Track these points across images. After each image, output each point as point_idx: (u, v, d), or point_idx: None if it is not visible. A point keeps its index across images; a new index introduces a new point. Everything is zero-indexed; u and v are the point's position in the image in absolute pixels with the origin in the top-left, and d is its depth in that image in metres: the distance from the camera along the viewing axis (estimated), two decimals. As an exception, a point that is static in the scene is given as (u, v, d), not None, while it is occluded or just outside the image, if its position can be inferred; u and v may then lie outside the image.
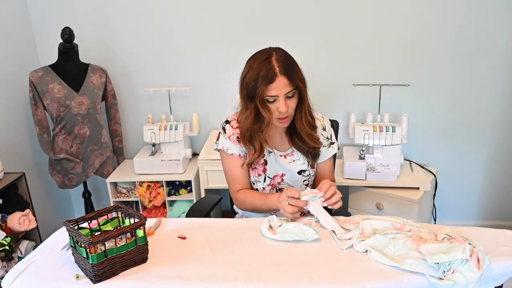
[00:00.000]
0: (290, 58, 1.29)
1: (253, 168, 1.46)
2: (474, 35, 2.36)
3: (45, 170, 2.51)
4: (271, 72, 1.22)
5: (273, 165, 1.45)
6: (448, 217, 2.71)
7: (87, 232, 1.14)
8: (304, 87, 1.30)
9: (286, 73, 1.23)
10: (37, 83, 2.22)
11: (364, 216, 1.26)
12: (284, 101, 1.26)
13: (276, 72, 1.22)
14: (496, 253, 1.04)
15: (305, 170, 1.46)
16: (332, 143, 1.49)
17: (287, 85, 1.24)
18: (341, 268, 1.03)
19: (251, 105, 1.30)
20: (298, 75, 1.27)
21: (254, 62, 1.26)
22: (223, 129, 1.43)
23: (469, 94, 2.47)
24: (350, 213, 2.04)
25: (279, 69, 1.23)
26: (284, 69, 1.23)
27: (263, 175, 1.45)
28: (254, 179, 1.47)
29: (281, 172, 1.46)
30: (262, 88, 1.24)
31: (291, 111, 1.30)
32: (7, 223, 2.00)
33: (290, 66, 1.25)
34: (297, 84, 1.26)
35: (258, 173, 1.46)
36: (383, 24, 2.39)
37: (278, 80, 1.23)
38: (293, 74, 1.25)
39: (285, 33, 2.40)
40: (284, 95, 1.26)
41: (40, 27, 2.53)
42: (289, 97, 1.27)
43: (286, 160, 1.45)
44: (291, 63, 1.26)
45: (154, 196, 2.42)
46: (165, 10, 2.46)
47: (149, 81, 2.59)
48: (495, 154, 2.58)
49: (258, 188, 1.46)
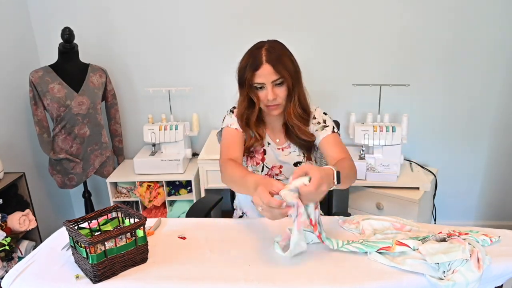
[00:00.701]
0: (281, 48, 1.33)
1: (252, 156, 1.47)
2: (474, 35, 2.36)
3: (45, 170, 2.51)
4: (257, 60, 1.28)
5: (272, 155, 1.47)
6: (448, 217, 2.71)
7: (87, 232, 1.14)
8: (292, 78, 1.31)
9: (271, 61, 1.28)
10: (37, 83, 2.22)
11: (364, 216, 1.27)
12: (271, 89, 1.30)
13: (262, 60, 1.28)
14: (496, 253, 1.04)
15: (301, 162, 1.47)
16: (326, 126, 1.43)
17: (272, 73, 1.28)
18: (341, 268, 1.03)
19: (243, 92, 1.37)
20: (286, 65, 1.30)
21: (247, 52, 1.34)
22: (231, 111, 1.48)
23: (469, 94, 2.47)
24: (350, 213, 2.05)
25: (265, 58, 1.28)
26: (270, 57, 1.28)
27: (261, 164, 1.47)
28: (252, 168, 1.48)
29: (279, 164, 1.48)
30: (249, 74, 1.30)
31: (279, 100, 1.34)
32: (7, 223, 2.00)
33: (277, 56, 1.29)
34: (282, 73, 1.28)
35: (256, 161, 1.47)
36: (383, 24, 2.39)
37: (263, 67, 1.28)
38: (279, 63, 1.28)
39: (285, 33, 2.40)
40: (271, 83, 1.30)
41: (40, 27, 2.53)
42: (277, 84, 1.31)
43: (283, 153, 1.47)
44: (279, 53, 1.30)
45: (154, 196, 2.42)
46: (165, 10, 2.46)
47: (149, 81, 2.59)
48: (495, 154, 2.58)
49: None
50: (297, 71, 1.35)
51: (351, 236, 1.19)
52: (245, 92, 1.36)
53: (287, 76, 1.30)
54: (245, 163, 1.49)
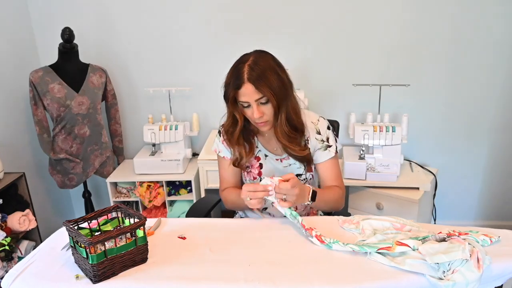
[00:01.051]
0: (266, 64, 1.25)
1: (248, 171, 1.46)
2: (473, 35, 2.36)
3: (45, 170, 2.51)
4: (239, 78, 1.24)
5: (269, 169, 1.44)
6: (448, 217, 2.71)
7: (87, 232, 1.14)
8: (277, 95, 1.25)
9: (253, 80, 1.22)
10: (37, 83, 2.22)
11: (364, 216, 1.27)
12: (256, 107, 1.26)
13: (244, 79, 1.23)
14: (496, 253, 1.04)
15: (301, 175, 1.44)
16: (329, 146, 1.43)
17: (254, 92, 1.23)
18: (341, 268, 1.03)
19: (228, 108, 1.34)
20: (269, 82, 1.23)
21: (231, 67, 1.29)
22: (219, 133, 1.48)
23: (469, 94, 2.47)
24: (350, 213, 2.05)
25: (247, 76, 1.22)
26: (252, 76, 1.22)
27: (258, 178, 1.45)
28: (250, 182, 1.47)
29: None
30: (232, 93, 1.27)
31: (267, 117, 1.30)
32: (7, 223, 2.00)
33: (260, 73, 1.22)
34: (265, 92, 1.23)
35: (253, 176, 1.45)
36: (383, 24, 2.39)
37: (244, 86, 1.23)
38: (261, 81, 1.22)
39: (285, 33, 2.41)
40: (256, 102, 1.25)
41: (40, 27, 2.53)
42: (263, 103, 1.26)
43: (282, 164, 1.44)
44: (263, 70, 1.23)
45: (154, 196, 2.42)
46: (165, 10, 2.46)
47: (149, 81, 2.59)
48: (495, 154, 2.58)
49: None
50: (284, 86, 1.28)
51: (351, 237, 1.19)
52: (230, 109, 1.33)
53: (270, 95, 1.23)
54: (244, 179, 1.50)
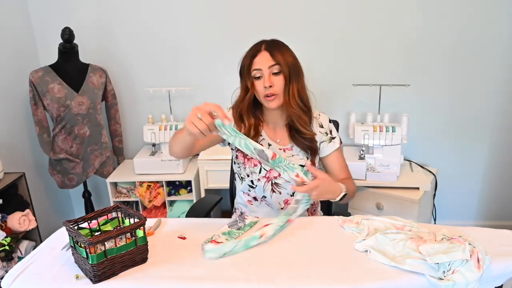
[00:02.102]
0: (281, 43, 1.38)
1: (249, 158, 1.45)
2: (473, 35, 2.36)
3: (45, 170, 2.51)
4: (257, 48, 1.35)
5: None
6: (448, 217, 2.71)
7: (87, 232, 1.14)
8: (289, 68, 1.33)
9: (269, 49, 1.33)
10: (37, 83, 2.22)
11: (364, 216, 1.26)
12: (268, 76, 1.33)
13: (261, 48, 1.34)
14: (496, 253, 1.04)
15: (304, 166, 1.45)
16: (333, 138, 1.47)
17: (269, 59, 1.32)
18: (341, 268, 1.03)
19: (242, 82, 1.40)
20: (283, 55, 1.33)
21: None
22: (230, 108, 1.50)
23: (469, 94, 2.47)
24: (350, 213, 2.05)
25: (264, 47, 1.35)
26: (268, 47, 1.34)
27: (258, 166, 1.44)
28: (250, 170, 1.45)
29: None
30: (247, 62, 1.35)
31: (277, 89, 1.34)
32: (7, 223, 2.00)
33: (276, 46, 1.35)
34: (279, 60, 1.32)
35: (254, 163, 1.44)
36: (383, 24, 2.39)
37: (260, 54, 1.33)
38: (276, 51, 1.33)
39: (285, 33, 2.39)
40: (268, 70, 1.32)
41: (40, 27, 2.53)
42: (275, 73, 1.33)
43: (285, 154, 1.44)
44: (279, 45, 1.36)
45: (154, 196, 2.42)
46: (165, 10, 2.46)
47: (149, 81, 2.59)
48: (495, 154, 2.58)
49: (253, 180, 1.45)
50: (297, 66, 1.37)
51: (351, 236, 1.19)
52: (244, 82, 1.38)
53: (283, 63, 1.32)
54: (242, 165, 1.46)
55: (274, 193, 1.44)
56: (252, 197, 1.48)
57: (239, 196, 1.54)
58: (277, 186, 1.44)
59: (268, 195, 1.45)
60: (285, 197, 1.45)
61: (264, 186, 1.44)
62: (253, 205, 1.49)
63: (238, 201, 1.57)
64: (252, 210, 1.50)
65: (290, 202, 1.44)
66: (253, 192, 1.47)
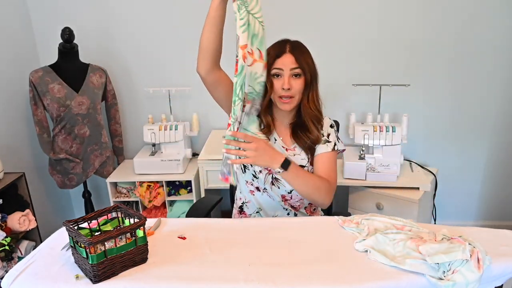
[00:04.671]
0: (304, 47, 1.40)
1: None
2: (474, 35, 2.36)
3: (45, 170, 2.51)
4: (281, 49, 1.36)
5: None
6: (448, 217, 2.71)
7: (87, 232, 1.14)
8: (311, 73, 1.36)
9: (294, 52, 1.35)
10: (37, 83, 2.22)
11: (364, 216, 1.26)
12: (288, 77, 1.34)
13: (286, 50, 1.36)
14: (496, 253, 1.04)
15: (305, 166, 1.46)
16: (328, 141, 1.47)
17: (292, 62, 1.34)
18: (341, 268, 1.03)
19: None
20: (307, 60, 1.36)
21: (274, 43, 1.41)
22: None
23: (469, 93, 2.47)
24: (350, 213, 2.05)
25: (289, 49, 1.36)
26: (293, 49, 1.36)
27: None
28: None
29: None
30: (270, 60, 1.34)
31: (294, 92, 1.36)
32: (7, 223, 2.00)
33: (300, 50, 1.37)
34: (303, 65, 1.34)
35: None
36: (383, 24, 2.39)
37: (285, 55, 1.35)
38: (301, 55, 1.35)
39: (285, 33, 2.40)
40: (289, 72, 1.34)
41: (40, 27, 2.53)
42: (295, 76, 1.35)
43: (287, 153, 1.46)
44: (302, 49, 1.38)
45: (154, 196, 2.42)
46: (165, 10, 2.46)
47: (149, 81, 2.59)
48: (495, 154, 2.58)
49: (255, 171, 1.47)
50: (316, 70, 1.40)
51: (351, 236, 1.18)
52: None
53: (306, 68, 1.35)
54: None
55: (273, 186, 1.46)
56: (255, 187, 1.50)
57: (243, 185, 1.54)
58: (276, 181, 1.45)
59: (269, 187, 1.47)
60: (282, 192, 1.47)
61: (265, 179, 1.46)
62: (255, 195, 1.51)
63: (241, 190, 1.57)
64: (255, 200, 1.51)
65: (287, 198, 1.48)
66: (256, 182, 1.49)
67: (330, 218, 1.32)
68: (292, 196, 1.47)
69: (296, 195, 1.47)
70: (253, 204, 1.53)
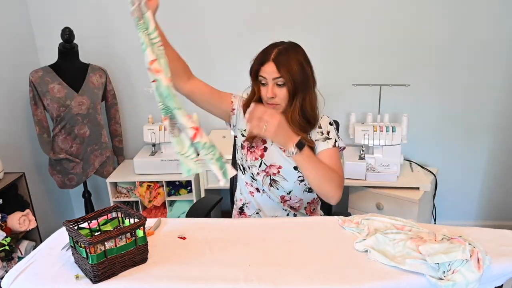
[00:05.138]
0: (294, 54, 1.32)
1: (252, 151, 1.47)
2: (473, 35, 2.36)
3: (45, 170, 2.51)
4: (266, 56, 1.32)
5: (273, 154, 1.46)
6: (448, 217, 2.71)
7: (87, 232, 1.14)
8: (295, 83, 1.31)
9: (277, 60, 1.30)
10: (37, 83, 2.22)
11: (364, 216, 1.26)
12: (271, 86, 1.32)
13: (269, 58, 1.31)
14: (496, 253, 1.04)
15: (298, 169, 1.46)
16: (328, 138, 1.44)
17: (274, 72, 1.30)
18: (341, 268, 1.03)
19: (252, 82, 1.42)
20: (291, 69, 1.29)
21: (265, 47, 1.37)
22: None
23: (469, 94, 2.47)
24: (350, 213, 2.05)
25: (273, 56, 1.31)
26: (277, 57, 1.30)
27: (259, 160, 1.45)
28: (250, 162, 1.47)
29: (279, 164, 1.46)
30: (256, 67, 1.35)
31: (278, 100, 1.34)
32: (7, 223, 2.00)
33: (285, 59, 1.30)
34: (284, 75, 1.29)
35: (255, 156, 1.46)
36: (383, 24, 2.39)
37: (268, 64, 1.31)
38: (284, 64, 1.29)
39: (285, 33, 2.39)
40: (273, 81, 1.32)
41: (40, 27, 2.53)
42: (279, 85, 1.32)
43: (285, 154, 1.45)
44: (289, 58, 1.30)
45: (154, 196, 2.42)
46: (165, 10, 2.45)
47: (149, 81, 2.57)
48: (495, 154, 2.58)
49: (253, 173, 1.47)
50: (305, 78, 1.33)
51: (351, 236, 1.19)
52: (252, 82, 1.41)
53: (288, 78, 1.30)
54: (244, 156, 1.48)
55: (272, 187, 1.46)
56: (255, 188, 1.50)
57: (242, 186, 1.54)
58: (275, 182, 1.45)
59: (267, 189, 1.47)
60: (281, 193, 1.47)
61: (263, 180, 1.46)
62: (255, 196, 1.51)
63: (241, 191, 1.57)
64: (255, 201, 1.52)
65: (286, 199, 1.48)
66: (255, 184, 1.49)
67: (330, 218, 1.32)
68: (291, 196, 1.48)
69: (295, 196, 1.47)
70: (253, 205, 1.53)
